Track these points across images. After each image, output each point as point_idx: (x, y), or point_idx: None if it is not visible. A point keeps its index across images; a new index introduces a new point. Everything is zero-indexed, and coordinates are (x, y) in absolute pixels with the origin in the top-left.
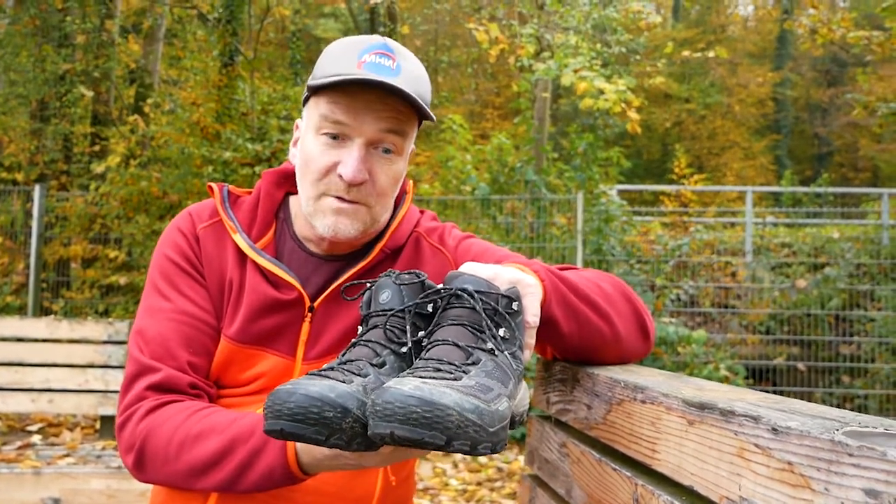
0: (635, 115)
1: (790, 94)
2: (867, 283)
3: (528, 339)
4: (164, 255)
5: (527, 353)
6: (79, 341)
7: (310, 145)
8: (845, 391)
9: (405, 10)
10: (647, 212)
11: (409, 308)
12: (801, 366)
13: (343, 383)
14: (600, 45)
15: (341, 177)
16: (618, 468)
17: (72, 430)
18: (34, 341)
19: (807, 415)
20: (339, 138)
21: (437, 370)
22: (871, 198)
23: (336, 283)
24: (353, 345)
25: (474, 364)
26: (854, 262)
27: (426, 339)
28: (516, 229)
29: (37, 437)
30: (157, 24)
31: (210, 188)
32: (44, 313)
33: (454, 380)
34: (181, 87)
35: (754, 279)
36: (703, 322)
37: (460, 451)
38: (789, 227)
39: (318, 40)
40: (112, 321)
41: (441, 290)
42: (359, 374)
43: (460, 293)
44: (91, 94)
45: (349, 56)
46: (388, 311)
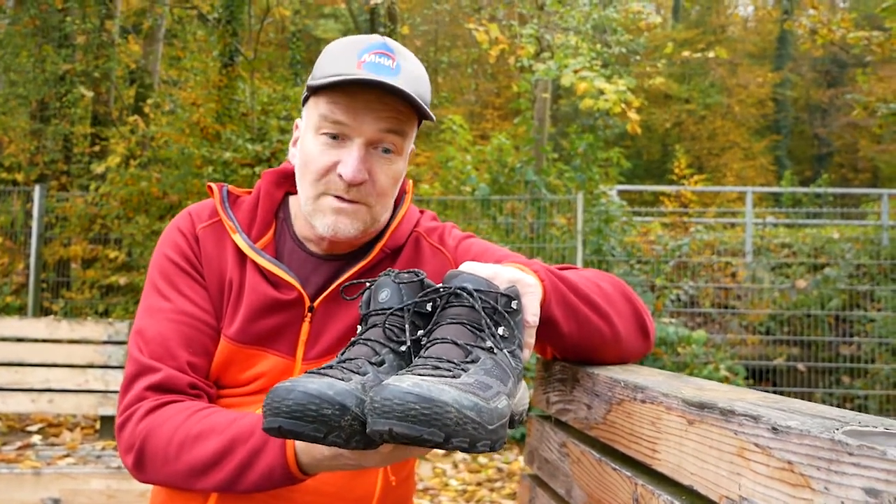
0: (635, 115)
1: (790, 95)
2: (867, 283)
3: (528, 338)
4: (163, 255)
5: (526, 352)
6: (79, 341)
7: (309, 145)
8: (845, 392)
9: (405, 11)
10: (647, 212)
11: (408, 307)
12: (801, 366)
13: (342, 381)
14: (600, 46)
15: (341, 176)
16: (618, 468)
17: (72, 430)
18: (34, 341)
19: (806, 414)
20: (338, 138)
21: (436, 368)
22: (870, 198)
23: (336, 283)
24: (353, 343)
25: (473, 362)
26: (854, 262)
27: (425, 337)
28: (516, 230)
29: (37, 438)
30: (157, 25)
31: (209, 188)
32: (44, 313)
33: (453, 377)
34: (181, 87)
35: (754, 279)
36: (703, 322)
37: (459, 448)
38: (789, 227)
39: (318, 41)
40: (112, 321)
41: (440, 289)
42: (357, 373)
43: (459, 292)
44: (91, 95)
45: (349, 56)
46: (387, 310)
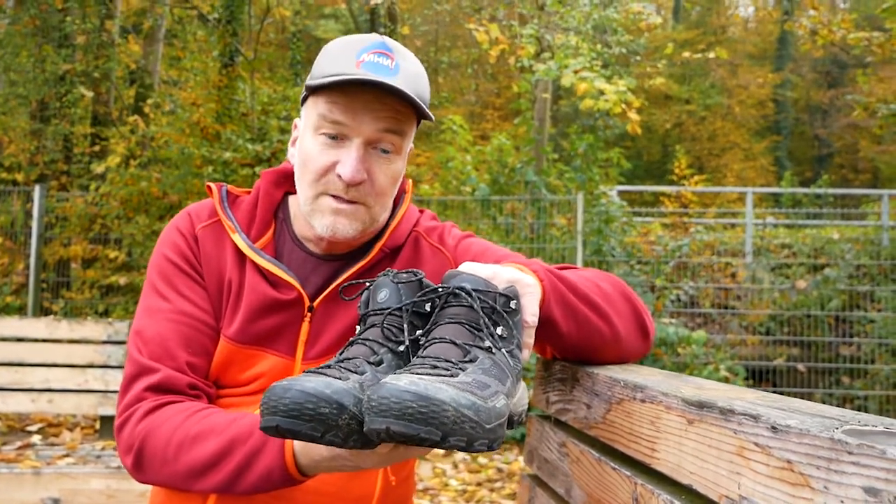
0: (635, 116)
1: (790, 96)
2: (867, 284)
3: (527, 338)
4: (162, 256)
5: (525, 352)
6: (79, 341)
7: (308, 145)
8: (845, 392)
9: (405, 11)
10: (648, 213)
11: (406, 307)
12: (801, 367)
13: (339, 380)
14: (601, 46)
15: (340, 177)
16: (617, 467)
17: (71, 430)
18: (34, 341)
19: (806, 413)
20: (337, 138)
21: (434, 367)
22: (871, 199)
23: (335, 283)
24: (351, 343)
25: (471, 362)
26: (854, 263)
27: (423, 337)
28: (516, 230)
29: (37, 437)
30: (157, 25)
31: (209, 188)
32: (44, 313)
33: (451, 376)
34: (181, 87)
35: (754, 280)
36: (703, 323)
37: (456, 447)
38: (789, 228)
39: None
40: (112, 321)
41: (439, 289)
42: (355, 372)
43: (458, 292)
44: (91, 95)
45: (347, 55)
46: (386, 310)
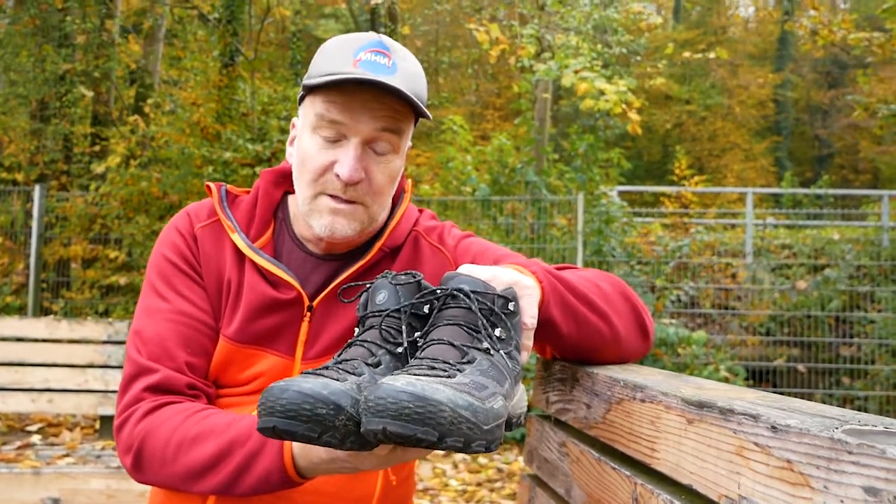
0: (636, 116)
1: (791, 96)
2: (867, 284)
3: (526, 340)
4: (161, 256)
5: (524, 354)
6: (79, 341)
7: (306, 144)
8: (845, 393)
9: (406, 11)
10: (648, 213)
11: (404, 308)
12: (802, 367)
13: (337, 381)
14: (601, 46)
15: (338, 176)
16: (617, 467)
17: (71, 430)
18: (34, 341)
19: (806, 413)
20: (335, 138)
21: (432, 368)
22: (871, 199)
23: (335, 282)
24: (349, 345)
25: (469, 363)
26: (854, 263)
27: (422, 339)
28: (517, 230)
29: (36, 437)
30: (157, 25)
31: (208, 188)
32: (44, 313)
33: (448, 377)
34: (181, 87)
35: (754, 280)
36: (704, 323)
37: (453, 447)
38: (790, 228)
39: (318, 41)
40: (112, 321)
41: (437, 291)
42: (353, 373)
43: (456, 293)
44: (91, 95)
45: (345, 54)
46: (384, 312)
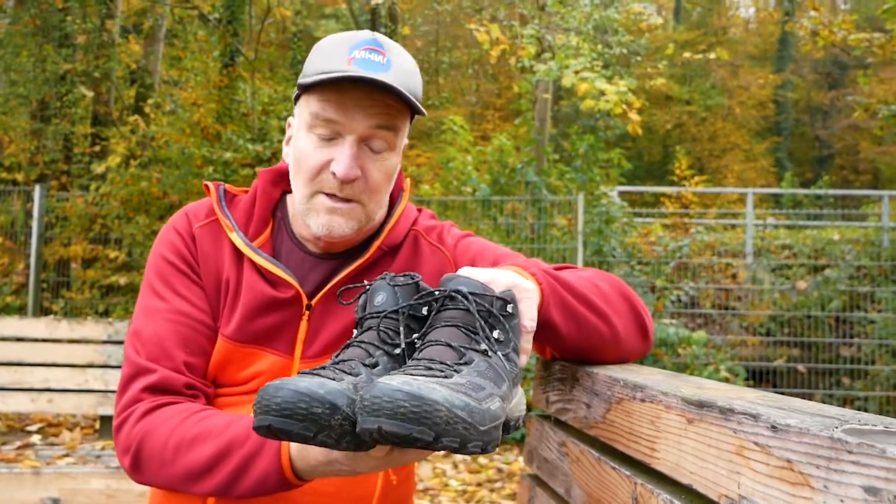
0: (636, 116)
1: (791, 97)
2: (867, 285)
3: (525, 344)
4: (160, 255)
5: (523, 357)
6: (79, 341)
7: (302, 143)
8: (845, 393)
9: (406, 11)
10: (648, 213)
11: (402, 310)
12: (802, 367)
13: (333, 381)
14: (601, 47)
15: (334, 174)
16: (617, 467)
17: (71, 429)
18: (34, 341)
19: (806, 412)
20: (330, 136)
21: (429, 369)
22: (871, 200)
23: (333, 281)
24: (347, 346)
25: (466, 364)
26: (854, 264)
27: (419, 340)
28: (517, 230)
29: (36, 437)
30: (157, 25)
31: (206, 187)
32: (44, 313)
33: (445, 378)
34: (182, 87)
35: (755, 281)
36: (704, 323)
37: (449, 448)
38: (790, 228)
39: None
40: (112, 321)
41: (435, 293)
42: (350, 374)
43: (454, 295)
44: (91, 95)
45: (339, 52)
46: (382, 313)
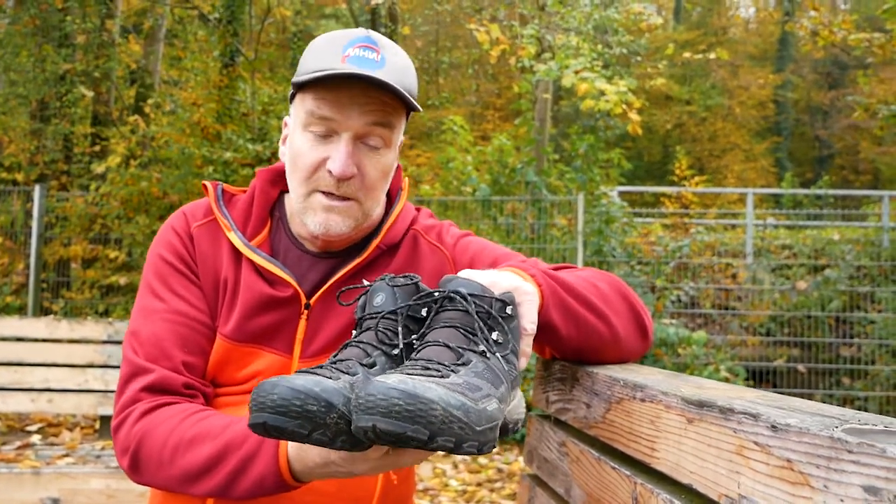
0: (636, 116)
1: (791, 97)
2: (867, 285)
3: (525, 346)
4: (158, 255)
5: (523, 360)
6: (79, 341)
7: (297, 142)
8: (845, 393)
9: (406, 11)
10: (648, 213)
11: (401, 310)
12: (802, 367)
13: (330, 380)
14: (601, 47)
15: (330, 172)
16: (617, 467)
17: (71, 429)
18: (34, 341)
19: (806, 412)
20: (326, 134)
21: (426, 369)
22: (871, 200)
23: (332, 280)
24: (345, 346)
25: (464, 365)
26: (854, 264)
27: (418, 341)
28: (517, 230)
29: (36, 437)
30: (157, 25)
31: (204, 186)
32: (44, 313)
33: (441, 377)
34: (182, 87)
35: (755, 281)
36: (704, 323)
37: (444, 447)
38: (790, 228)
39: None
40: (112, 321)
41: (434, 294)
42: (347, 373)
43: (453, 296)
44: (91, 95)
45: (333, 50)
46: (381, 313)
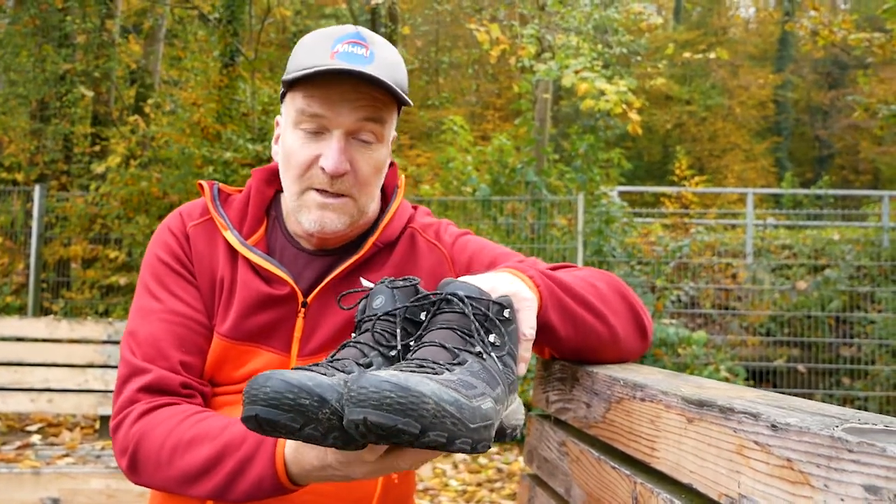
0: (636, 116)
1: (791, 97)
2: (867, 285)
3: (524, 352)
4: (154, 256)
5: (521, 366)
6: (78, 341)
7: (289, 140)
8: (845, 393)
9: (406, 11)
10: (648, 213)
11: (398, 311)
12: (802, 367)
13: (324, 376)
14: (601, 46)
15: (323, 169)
16: (617, 466)
17: (71, 429)
18: (34, 341)
19: (806, 411)
20: (317, 131)
21: (420, 367)
22: (871, 200)
23: (329, 278)
24: (343, 346)
25: (460, 364)
26: (854, 264)
27: (415, 342)
28: (517, 230)
29: (36, 437)
30: (157, 25)
31: (200, 186)
32: (44, 313)
33: (435, 374)
34: (182, 87)
35: (755, 281)
36: (704, 323)
37: (436, 442)
38: (790, 228)
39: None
40: (112, 321)
41: (432, 295)
42: (343, 371)
43: (451, 298)
44: (91, 95)
45: (322, 47)
46: (379, 315)
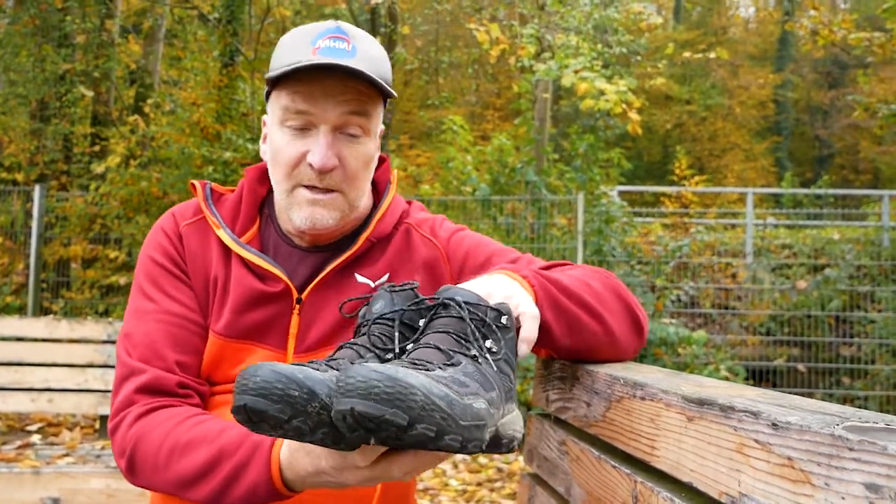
0: (636, 116)
1: (791, 96)
2: (867, 284)
3: (521, 353)
4: (147, 257)
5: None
6: (78, 341)
7: (276, 138)
8: (845, 392)
9: (406, 11)
10: (648, 213)
11: (396, 314)
12: (802, 367)
13: (317, 371)
14: (601, 46)
15: (311, 165)
16: (617, 465)
17: (71, 429)
18: (34, 341)
19: (807, 410)
20: (304, 127)
21: (413, 364)
22: (871, 199)
23: (322, 274)
24: (340, 348)
25: (453, 365)
26: (854, 263)
27: (411, 345)
28: (517, 230)
29: (36, 437)
30: (157, 25)
31: (192, 186)
32: (44, 313)
33: (427, 371)
34: (181, 87)
35: (755, 280)
36: (704, 323)
37: (424, 435)
38: (790, 228)
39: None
40: (112, 321)
41: (428, 300)
42: (336, 369)
43: (448, 302)
44: (91, 95)
45: (303, 43)
46: (375, 317)
